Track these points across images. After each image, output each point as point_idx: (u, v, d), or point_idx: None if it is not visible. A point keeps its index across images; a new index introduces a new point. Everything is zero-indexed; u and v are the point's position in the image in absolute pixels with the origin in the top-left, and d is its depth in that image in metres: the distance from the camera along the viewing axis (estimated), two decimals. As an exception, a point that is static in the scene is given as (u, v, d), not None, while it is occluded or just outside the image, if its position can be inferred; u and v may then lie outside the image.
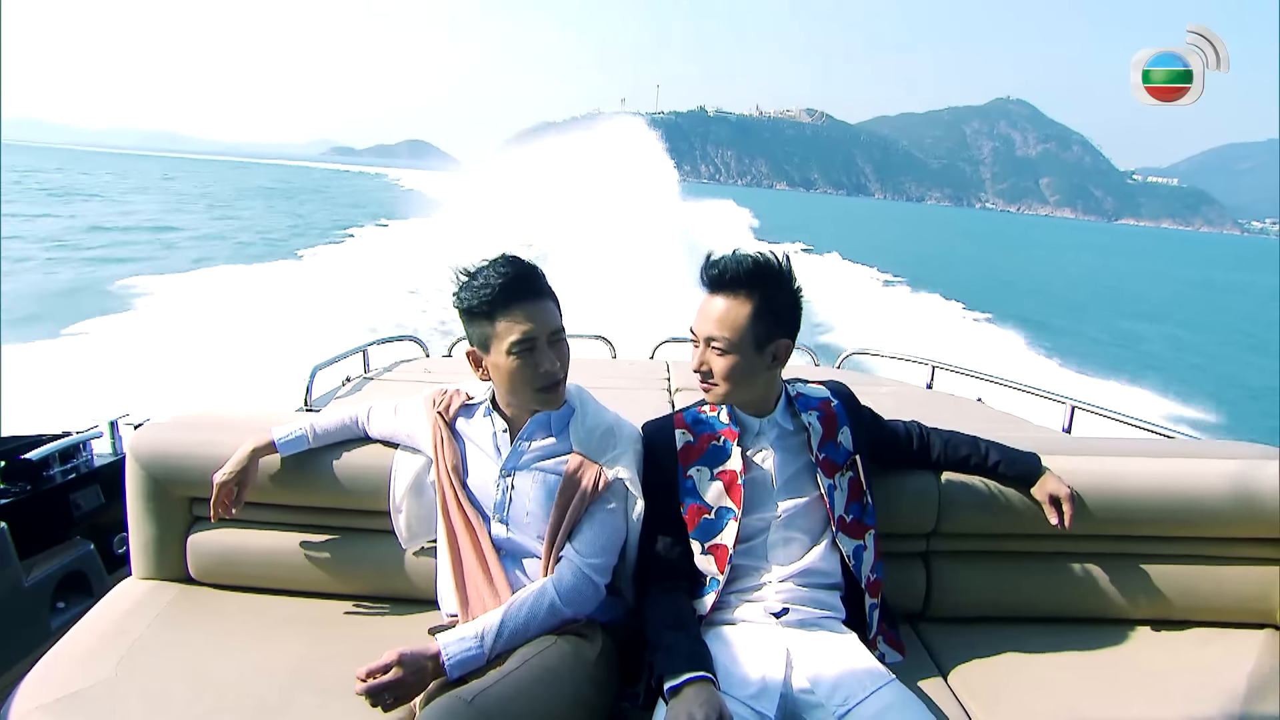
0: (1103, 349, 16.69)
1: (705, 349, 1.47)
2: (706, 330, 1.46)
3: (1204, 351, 18.78)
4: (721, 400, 1.51)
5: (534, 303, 1.40)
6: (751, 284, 1.43)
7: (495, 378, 1.45)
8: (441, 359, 3.55)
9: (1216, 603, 1.74)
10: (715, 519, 1.47)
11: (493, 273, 1.41)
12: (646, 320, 6.59)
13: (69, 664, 1.46)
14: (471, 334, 1.45)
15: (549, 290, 1.45)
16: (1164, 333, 21.08)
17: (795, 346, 1.57)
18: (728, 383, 1.46)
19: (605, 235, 18.78)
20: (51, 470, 2.15)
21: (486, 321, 1.40)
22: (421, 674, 1.24)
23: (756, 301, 1.43)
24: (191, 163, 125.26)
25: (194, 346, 8.37)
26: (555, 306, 1.45)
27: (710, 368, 1.46)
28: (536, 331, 1.39)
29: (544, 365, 1.40)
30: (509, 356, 1.39)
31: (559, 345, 1.43)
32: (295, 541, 1.73)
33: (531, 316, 1.39)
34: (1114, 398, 9.88)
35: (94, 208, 32.31)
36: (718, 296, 1.45)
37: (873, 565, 1.51)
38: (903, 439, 1.70)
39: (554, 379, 1.42)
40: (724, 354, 1.44)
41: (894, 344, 4.72)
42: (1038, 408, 2.94)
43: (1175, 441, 2.18)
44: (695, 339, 1.49)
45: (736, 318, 1.43)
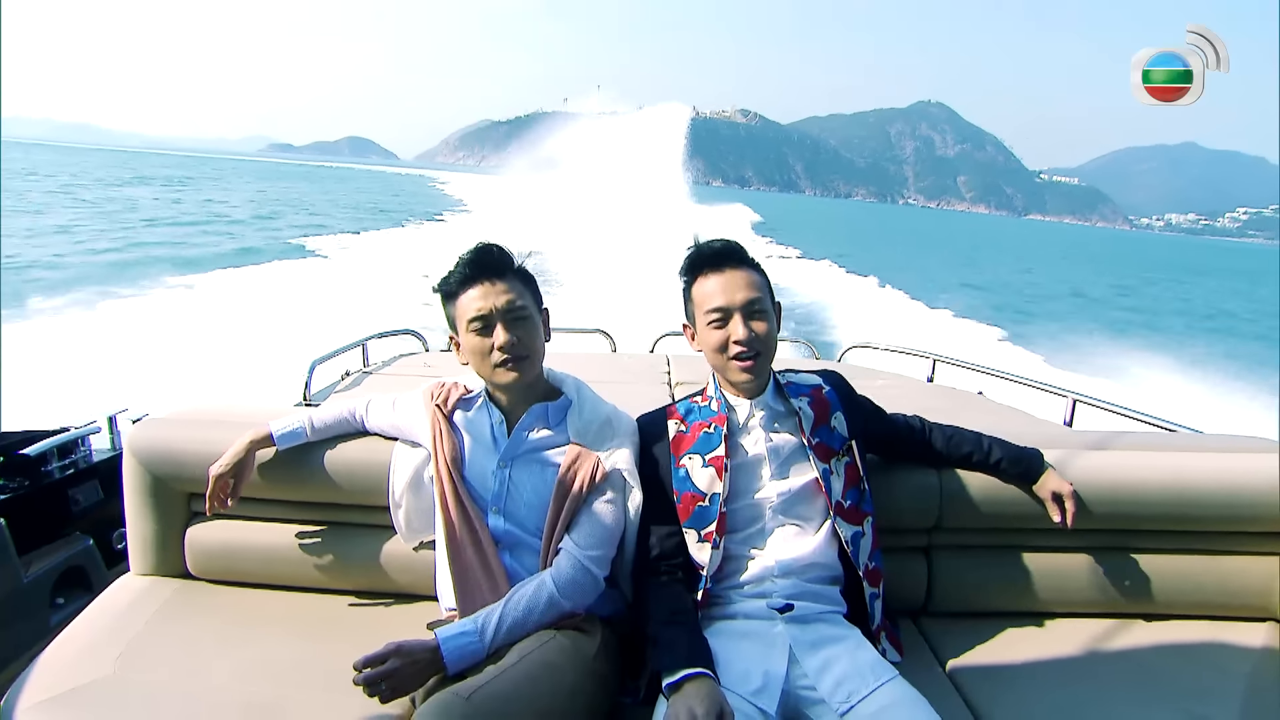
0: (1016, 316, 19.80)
1: (746, 317, 1.45)
2: (742, 297, 1.45)
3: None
4: (764, 383, 1.52)
5: (491, 282, 1.44)
6: (748, 257, 1.51)
7: (467, 357, 1.49)
8: (441, 353, 3.51)
9: (1218, 596, 1.74)
10: (709, 504, 1.46)
11: (460, 258, 1.47)
12: (646, 314, 6.61)
13: (68, 660, 1.45)
14: (447, 317, 1.50)
15: (512, 270, 1.48)
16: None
17: (795, 341, 1.66)
18: (769, 355, 1.48)
19: (608, 231, 19.04)
20: (50, 466, 2.14)
21: (452, 302, 1.48)
22: (419, 666, 1.23)
23: (758, 270, 1.50)
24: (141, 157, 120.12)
25: (193, 341, 8.23)
26: (522, 285, 1.48)
27: (758, 334, 1.44)
28: (490, 307, 1.42)
29: (498, 341, 1.42)
30: (468, 334, 1.45)
31: (519, 323, 1.44)
32: (294, 536, 1.73)
33: (486, 294, 1.43)
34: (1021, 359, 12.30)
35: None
36: (731, 269, 1.47)
37: (871, 553, 1.49)
38: (904, 433, 1.68)
39: (509, 355, 1.43)
40: (764, 315, 1.46)
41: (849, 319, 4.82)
42: (1039, 401, 2.94)
43: (1176, 435, 2.18)
44: (723, 315, 1.46)
45: (759, 282, 1.47)
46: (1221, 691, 1.51)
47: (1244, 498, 1.71)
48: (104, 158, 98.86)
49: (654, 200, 26.44)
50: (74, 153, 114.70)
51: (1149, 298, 31.44)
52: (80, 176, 48.00)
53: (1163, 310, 27.17)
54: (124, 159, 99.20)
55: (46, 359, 7.29)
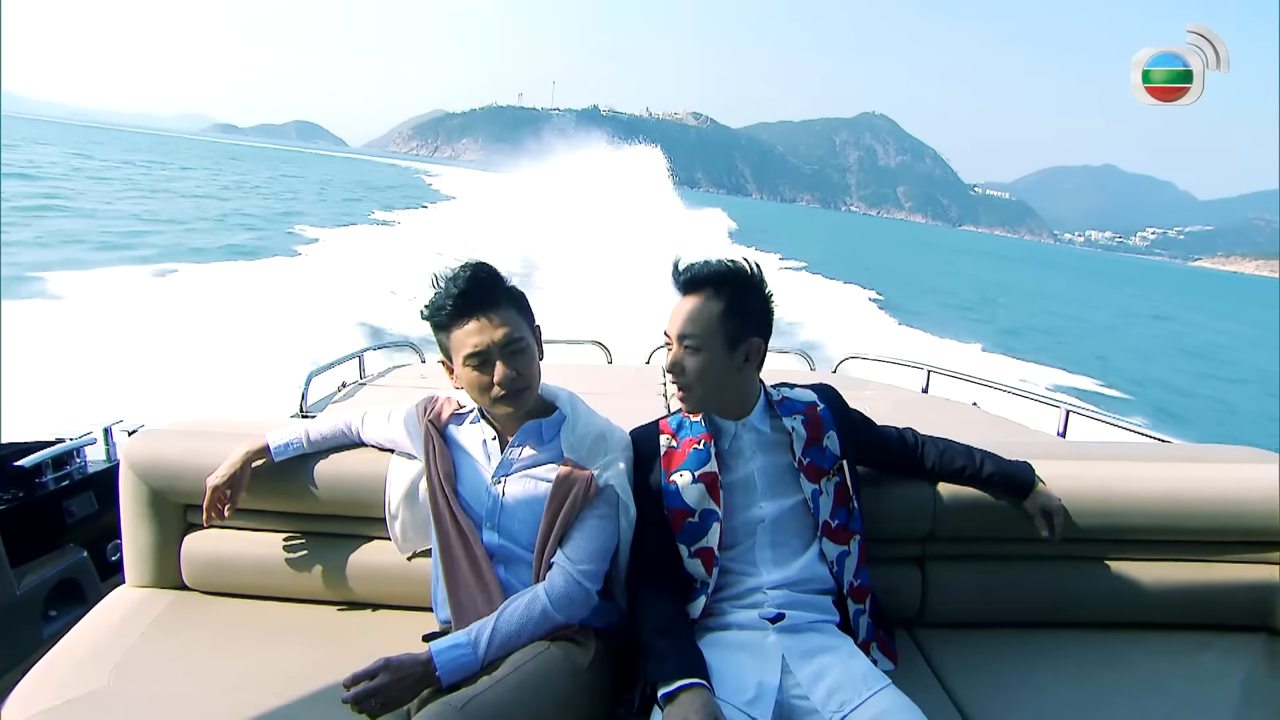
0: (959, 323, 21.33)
1: (678, 348, 1.47)
2: (678, 328, 1.46)
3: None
4: (696, 407, 1.52)
5: (486, 314, 1.41)
6: (719, 284, 1.45)
7: (463, 385, 1.48)
8: (438, 364, 3.50)
9: (1212, 606, 1.74)
10: (699, 522, 1.46)
11: (450, 285, 1.42)
12: (641, 326, 6.30)
13: (62, 672, 1.44)
14: (439, 343, 1.49)
15: (507, 297, 1.45)
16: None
17: (792, 353, 1.63)
18: (701, 385, 1.47)
19: (603, 242, 19.12)
20: (44, 477, 2.12)
21: (445, 334, 1.45)
22: (411, 680, 1.23)
23: (726, 300, 1.44)
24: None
25: (189, 352, 8.19)
26: (517, 314, 1.45)
27: (683, 365, 1.46)
28: (487, 343, 1.40)
29: (497, 377, 1.41)
30: (465, 368, 1.43)
31: (516, 356, 1.42)
32: (290, 548, 1.73)
33: (483, 330, 1.40)
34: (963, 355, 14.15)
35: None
36: (689, 297, 1.47)
37: (856, 571, 1.50)
38: (896, 448, 1.69)
39: (508, 390, 1.42)
40: (696, 352, 1.45)
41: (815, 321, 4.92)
42: (1033, 412, 2.97)
43: (1170, 446, 2.19)
44: (668, 341, 1.49)
45: (708, 316, 1.44)
46: (1216, 702, 1.52)
47: (1237, 508, 1.72)
48: (35, 129, 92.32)
49: (648, 217, 26.44)
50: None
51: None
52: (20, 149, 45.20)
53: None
54: (59, 132, 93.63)
55: (40, 369, 7.06)
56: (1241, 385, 19.29)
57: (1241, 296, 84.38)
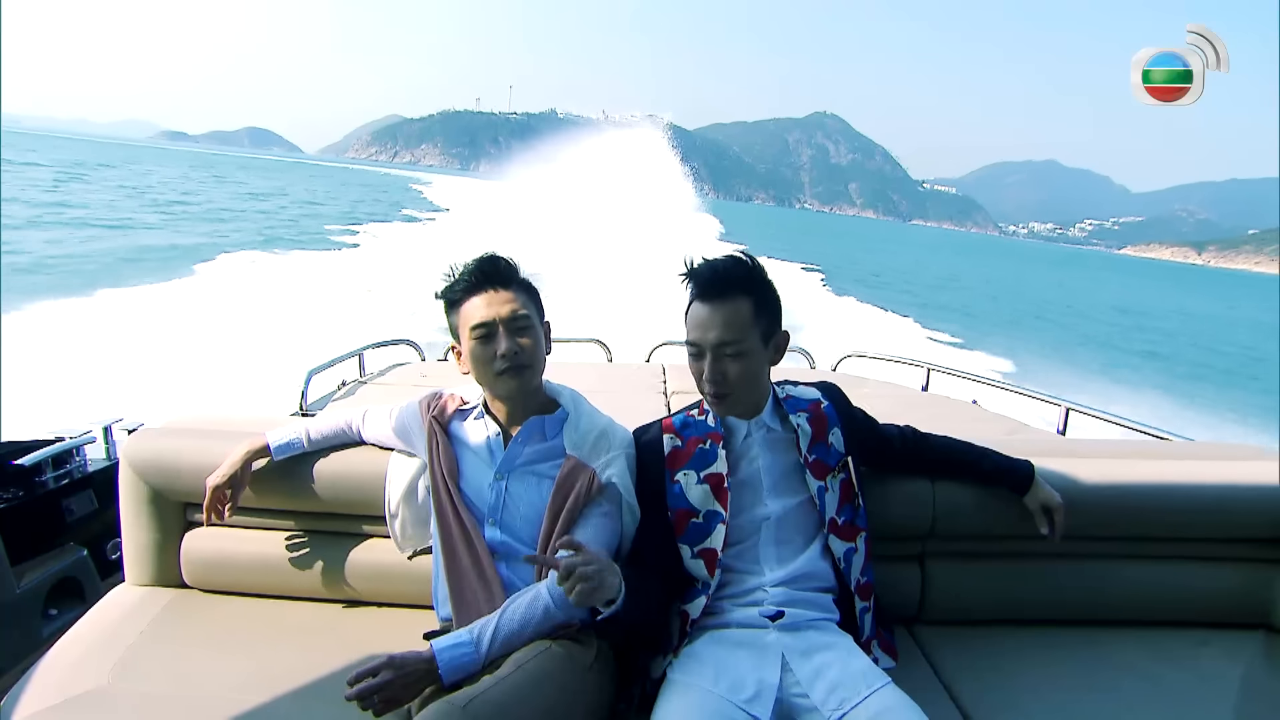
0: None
1: (715, 358, 1.42)
2: (715, 337, 1.40)
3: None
4: (730, 411, 1.49)
5: (495, 290, 1.46)
6: (746, 284, 1.42)
7: (468, 366, 1.50)
8: (437, 363, 3.51)
9: (1211, 604, 1.74)
10: (703, 523, 1.45)
11: (467, 265, 1.49)
12: (642, 323, 6.55)
13: (61, 671, 1.44)
14: (449, 325, 1.51)
15: (517, 280, 1.50)
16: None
17: (791, 350, 1.63)
18: (744, 388, 1.44)
19: (602, 242, 18.97)
20: (44, 476, 2.12)
21: (455, 310, 1.49)
22: (413, 678, 1.22)
23: (754, 298, 1.42)
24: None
25: (188, 351, 8.21)
26: (525, 295, 1.50)
27: (725, 373, 1.41)
28: (494, 316, 1.44)
29: (500, 349, 1.43)
30: (471, 341, 1.46)
31: (522, 332, 1.45)
32: (290, 546, 1.73)
33: (490, 303, 1.45)
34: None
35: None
36: (715, 302, 1.41)
37: (863, 568, 1.49)
38: (896, 444, 1.67)
39: (511, 363, 1.44)
40: (739, 357, 1.41)
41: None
42: (1033, 410, 2.96)
43: (1169, 443, 2.18)
44: (697, 350, 1.43)
45: (743, 318, 1.40)
46: (1214, 699, 1.52)
47: (1236, 506, 1.73)
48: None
49: (656, 210, 26.72)
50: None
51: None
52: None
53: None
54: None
55: (40, 367, 7.22)
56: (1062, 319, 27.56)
57: (1142, 276, 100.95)
